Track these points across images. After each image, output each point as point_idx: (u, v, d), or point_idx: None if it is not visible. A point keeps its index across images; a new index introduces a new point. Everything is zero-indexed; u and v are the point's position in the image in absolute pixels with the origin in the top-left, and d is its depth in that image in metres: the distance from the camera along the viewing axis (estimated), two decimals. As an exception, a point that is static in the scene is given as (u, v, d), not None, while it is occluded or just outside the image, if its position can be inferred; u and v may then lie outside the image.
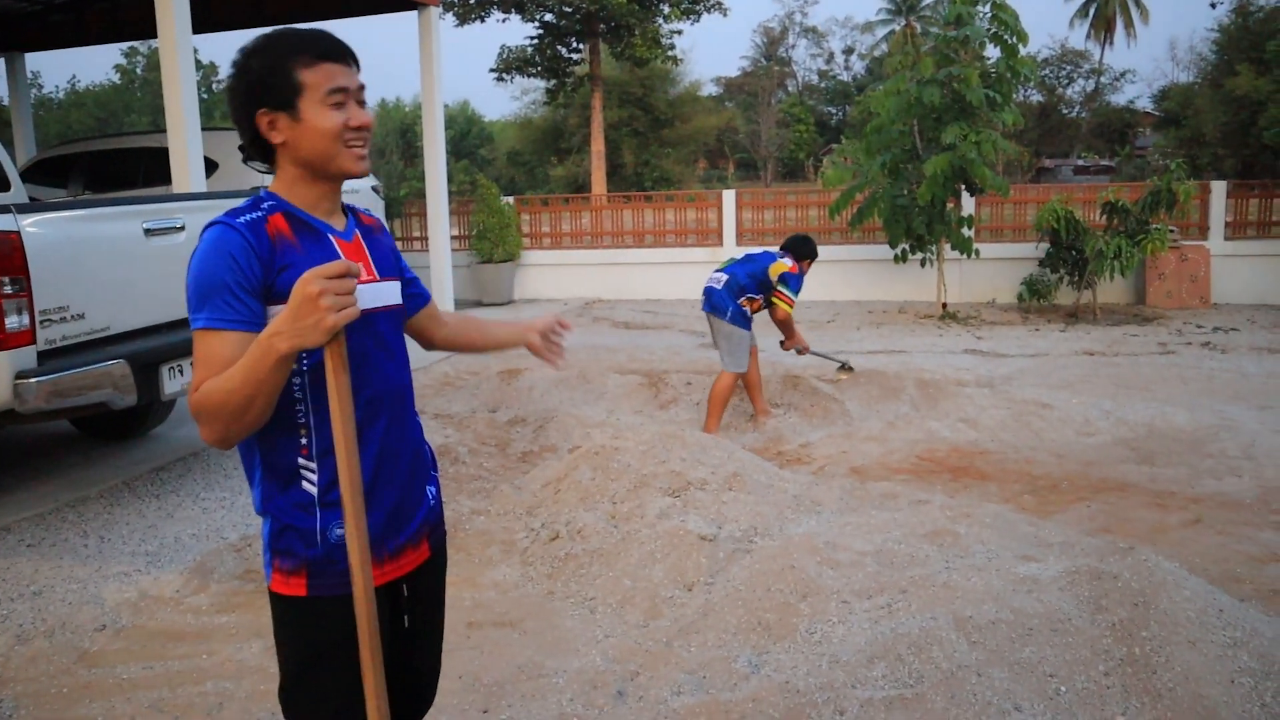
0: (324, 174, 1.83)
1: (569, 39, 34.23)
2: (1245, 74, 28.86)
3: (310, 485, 1.83)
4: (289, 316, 1.59)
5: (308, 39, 1.80)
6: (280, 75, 1.76)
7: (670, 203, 14.68)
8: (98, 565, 4.48)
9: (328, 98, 1.77)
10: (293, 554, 1.83)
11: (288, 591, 1.85)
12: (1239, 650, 3.00)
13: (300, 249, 1.79)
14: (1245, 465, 5.75)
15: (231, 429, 1.68)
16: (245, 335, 1.69)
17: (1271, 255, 12.29)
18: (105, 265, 4.85)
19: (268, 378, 1.62)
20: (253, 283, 1.72)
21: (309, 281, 1.58)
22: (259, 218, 1.78)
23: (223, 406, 1.64)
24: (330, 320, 1.58)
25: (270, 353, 1.60)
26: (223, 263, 1.71)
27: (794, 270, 6.68)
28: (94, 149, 10.50)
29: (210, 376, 1.67)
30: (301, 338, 1.58)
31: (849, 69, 63.15)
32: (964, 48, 10.89)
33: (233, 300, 1.70)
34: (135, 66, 52.96)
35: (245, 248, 1.73)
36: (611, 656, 3.58)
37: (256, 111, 1.78)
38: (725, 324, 6.64)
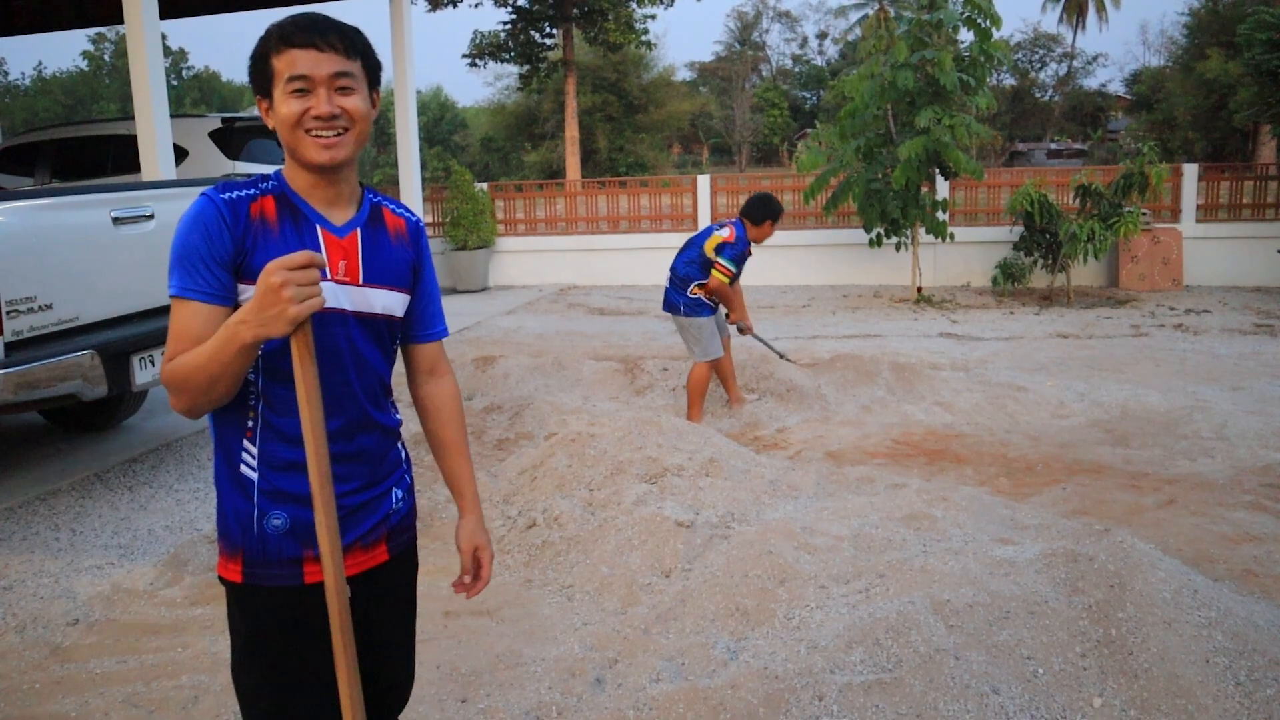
0: (298, 161, 1.81)
1: (542, 24, 34.04)
2: (1215, 58, 29.08)
3: (249, 470, 1.81)
4: (254, 306, 1.58)
5: (285, 26, 1.77)
6: (262, 63, 1.78)
7: (645, 188, 14.65)
8: (69, 559, 4.43)
9: (288, 84, 1.75)
10: (229, 538, 1.83)
11: (226, 576, 1.85)
12: (1213, 630, 3.02)
13: (277, 234, 1.78)
14: (1218, 446, 5.80)
15: (198, 402, 1.69)
16: (215, 309, 1.70)
17: (1242, 237, 12.40)
18: (73, 255, 4.78)
19: (231, 362, 1.62)
20: (223, 256, 1.72)
21: (271, 272, 1.56)
22: (246, 195, 1.78)
23: (188, 381, 1.66)
24: (293, 311, 1.56)
25: (234, 340, 1.60)
26: (198, 233, 1.72)
27: (730, 240, 6.41)
28: (61, 137, 10.34)
29: (181, 347, 1.68)
30: (265, 328, 1.58)
31: (823, 53, 63.15)
32: (937, 32, 10.90)
33: (204, 270, 1.71)
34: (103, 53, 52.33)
35: (219, 221, 1.73)
36: (589, 644, 3.57)
37: (257, 97, 1.81)
38: (681, 319, 6.59)
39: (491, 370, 7.86)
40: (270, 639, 1.84)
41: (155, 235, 5.23)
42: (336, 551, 1.70)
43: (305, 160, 1.79)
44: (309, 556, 1.82)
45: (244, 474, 1.81)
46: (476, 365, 7.98)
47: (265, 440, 1.80)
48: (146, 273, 5.22)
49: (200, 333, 1.67)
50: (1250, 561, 4.15)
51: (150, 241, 5.21)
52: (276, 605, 1.82)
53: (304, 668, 1.84)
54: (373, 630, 1.98)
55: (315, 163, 1.79)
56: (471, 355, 8.33)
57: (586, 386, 7.60)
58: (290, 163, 1.83)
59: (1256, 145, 28.54)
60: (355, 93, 1.79)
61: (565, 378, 7.76)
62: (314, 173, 1.82)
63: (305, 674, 1.85)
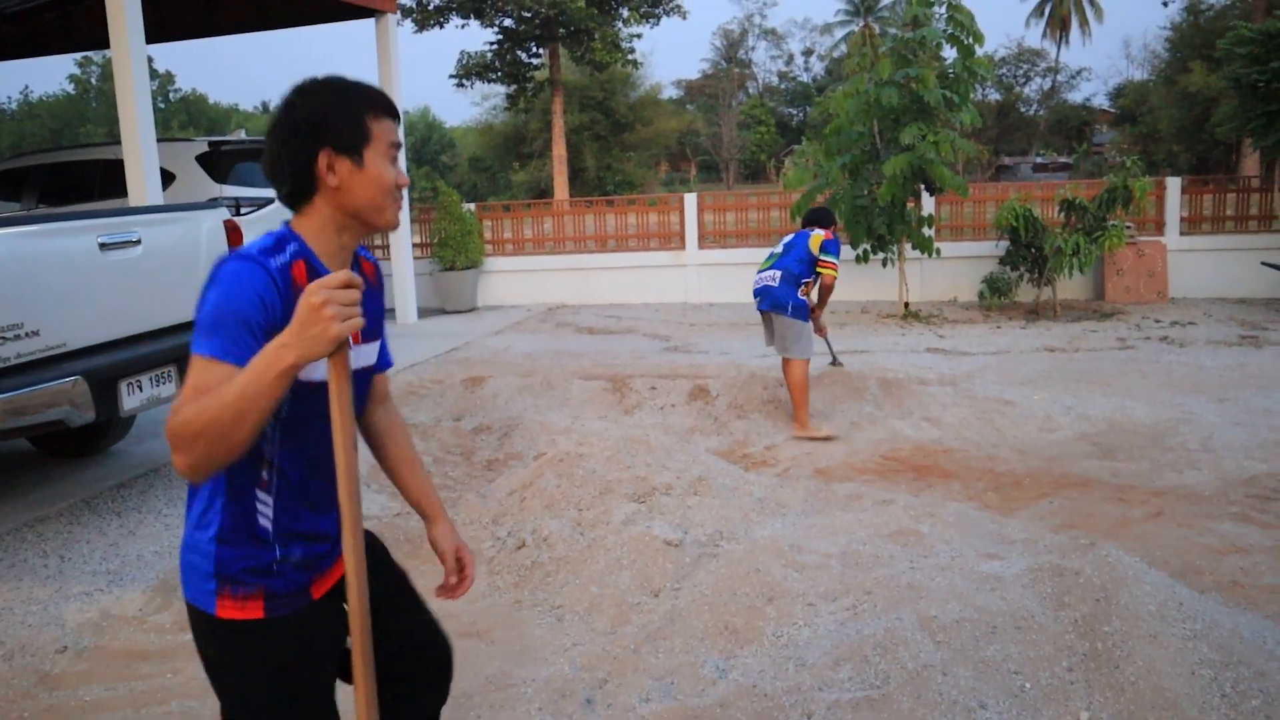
0: (364, 223, 1.85)
1: (529, 44, 34.19)
2: (1198, 71, 29.36)
3: (265, 520, 1.85)
4: (295, 329, 1.58)
5: (377, 93, 1.85)
6: (354, 121, 1.79)
7: (632, 206, 14.71)
8: (58, 585, 4.41)
9: (388, 151, 1.82)
10: (242, 582, 1.84)
11: (242, 615, 1.84)
12: (1199, 642, 3.04)
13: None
14: (1204, 458, 5.83)
15: (214, 454, 1.60)
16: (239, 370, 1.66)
17: (1226, 250, 12.48)
18: (60, 281, 4.77)
19: (267, 390, 1.57)
20: (271, 327, 1.68)
21: (313, 292, 1.57)
22: (287, 262, 1.77)
23: (211, 424, 1.57)
24: (335, 330, 1.57)
25: (277, 363, 1.57)
26: (249, 301, 1.69)
27: (830, 236, 6.82)
28: (48, 161, 10.33)
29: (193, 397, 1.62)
30: (308, 347, 1.57)
31: (809, 70, 63.57)
32: (921, 48, 10.98)
33: (249, 339, 1.66)
34: (90, 76, 52.38)
35: (273, 291, 1.72)
36: (580, 664, 3.58)
37: (320, 150, 1.78)
38: (787, 319, 6.71)
39: (480, 390, 7.86)
40: (292, 669, 1.89)
41: (142, 261, 5.24)
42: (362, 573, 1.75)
43: (385, 223, 1.85)
44: (315, 578, 1.93)
45: (260, 524, 1.84)
46: (465, 386, 7.98)
47: (280, 489, 1.85)
48: (133, 298, 5.22)
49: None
50: (1236, 573, 4.18)
51: (137, 267, 5.21)
52: (298, 632, 1.88)
53: (317, 690, 1.93)
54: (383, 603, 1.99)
55: (390, 226, 1.86)
56: (460, 376, 8.33)
57: (575, 406, 7.62)
58: (327, 221, 1.83)
59: (1239, 158, 28.77)
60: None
61: (554, 397, 7.77)
62: (360, 234, 1.88)
63: (319, 695, 1.93)
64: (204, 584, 1.85)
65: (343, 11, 11.19)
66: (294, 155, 1.80)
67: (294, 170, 1.80)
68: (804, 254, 6.79)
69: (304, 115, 1.80)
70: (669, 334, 10.90)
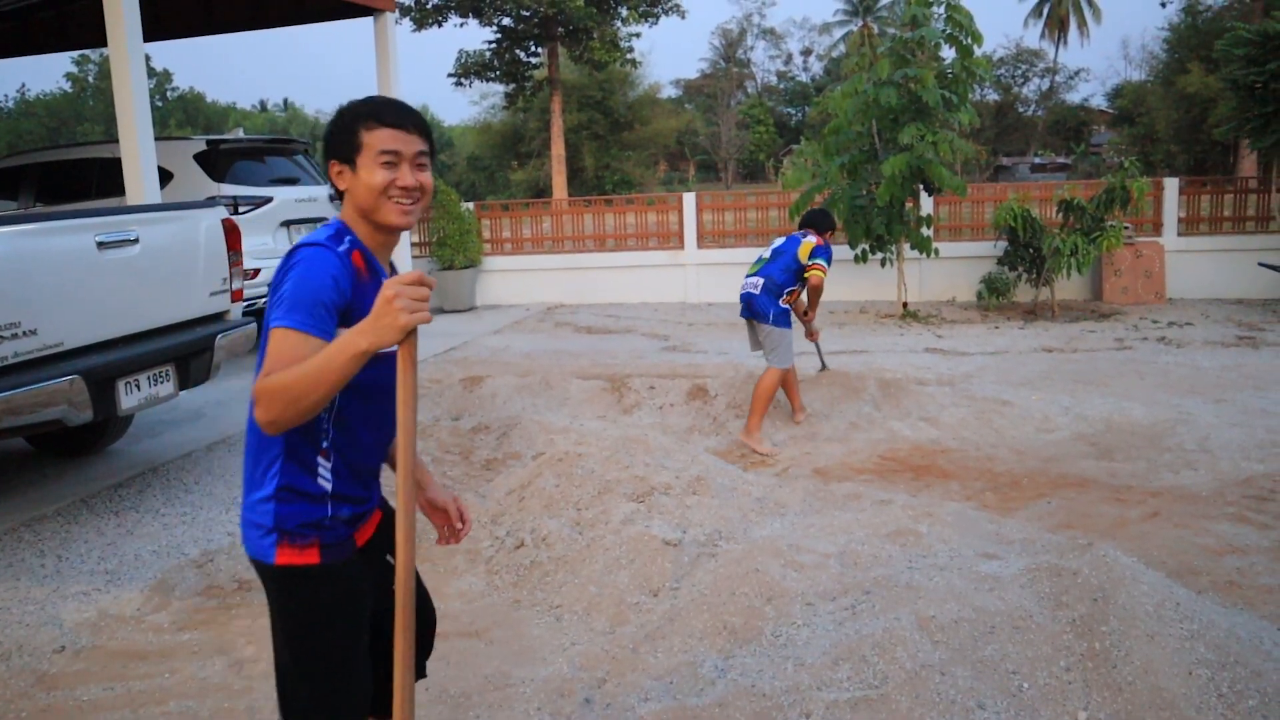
0: (370, 221, 2.11)
1: (527, 43, 34.20)
2: (1196, 72, 29.39)
3: (325, 481, 2.12)
4: (371, 318, 1.83)
5: (376, 105, 2.10)
6: (347, 134, 2.08)
7: (631, 206, 14.71)
8: (55, 585, 4.41)
9: (379, 157, 2.05)
10: (299, 534, 2.10)
11: (300, 561, 2.10)
12: (1196, 642, 3.04)
13: (367, 283, 2.07)
14: (1201, 458, 5.84)
15: (288, 414, 1.87)
16: (320, 342, 1.91)
17: (1223, 250, 12.48)
18: (57, 280, 4.77)
19: (340, 368, 1.84)
20: (341, 304, 1.99)
21: (388, 286, 1.82)
22: (347, 251, 2.05)
23: (288, 390, 1.84)
24: (404, 320, 1.81)
25: (350, 347, 1.83)
26: (326, 283, 1.97)
27: (820, 243, 6.72)
28: (45, 160, 10.32)
29: (276, 368, 1.88)
30: (379, 335, 1.82)
31: (807, 70, 63.58)
32: (920, 49, 10.99)
33: (324, 315, 1.95)
34: (87, 74, 52.31)
35: (343, 274, 2.01)
36: (578, 664, 3.58)
37: (330, 160, 2.12)
38: (767, 327, 6.61)
39: (479, 390, 7.86)
40: (341, 609, 2.14)
41: (140, 259, 5.23)
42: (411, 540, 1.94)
43: (384, 222, 2.09)
44: (358, 529, 2.23)
45: (320, 484, 2.12)
46: (464, 385, 7.98)
47: (337, 457, 2.13)
48: (131, 297, 5.22)
49: (302, 359, 1.88)
50: (1233, 573, 4.19)
51: (135, 266, 5.21)
52: (347, 577, 2.14)
53: (358, 632, 2.19)
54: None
55: (395, 225, 2.11)
56: (459, 375, 8.33)
57: (574, 405, 7.62)
58: (354, 216, 2.12)
59: (1237, 159, 28.79)
60: (427, 169, 2.13)
61: (552, 397, 7.78)
62: (385, 233, 2.14)
63: (359, 639, 2.19)
64: (263, 539, 2.11)
65: (341, 10, 11.16)
66: (323, 164, 2.17)
67: (326, 176, 2.21)
68: (790, 262, 6.67)
69: (325, 132, 2.15)
70: (667, 333, 10.90)
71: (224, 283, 5.92)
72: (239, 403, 7.64)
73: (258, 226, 9.38)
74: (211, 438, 6.66)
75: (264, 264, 9.32)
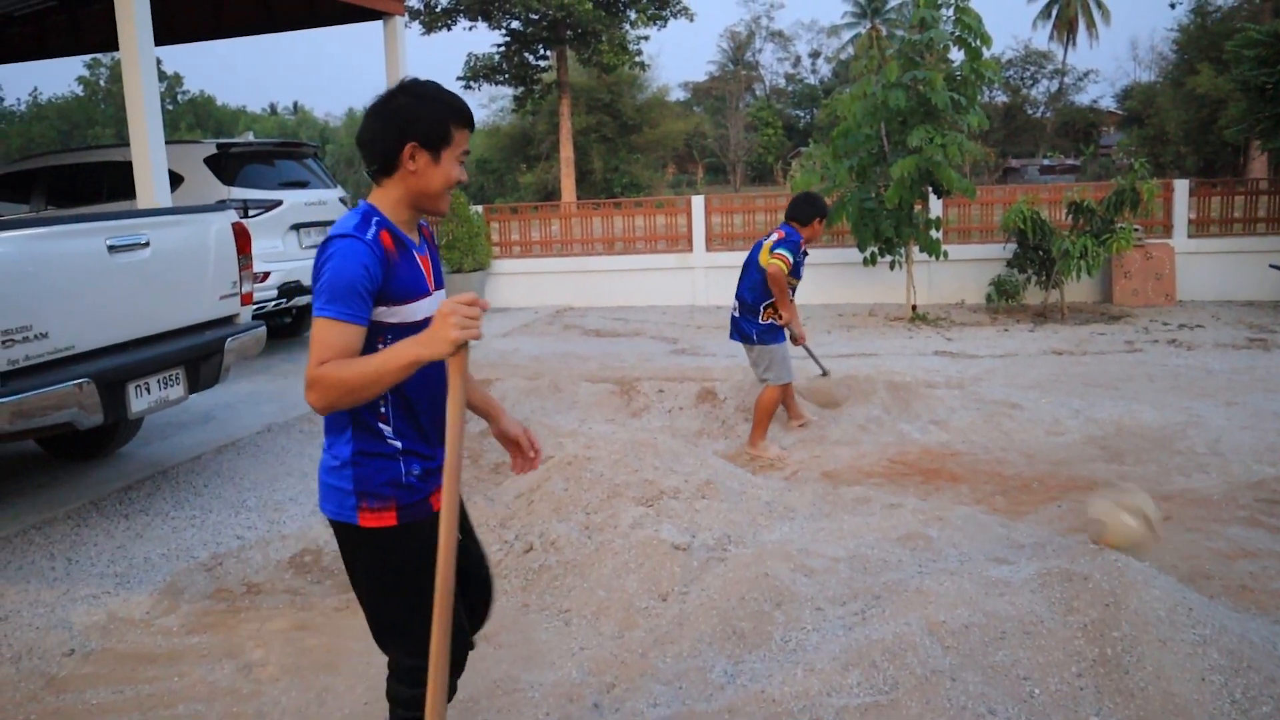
0: (423, 207, 2.34)
1: (536, 46, 34.22)
2: (1205, 73, 29.28)
3: (394, 441, 2.34)
4: (428, 331, 2.06)
5: (465, 107, 2.33)
6: (441, 125, 2.27)
7: (639, 209, 14.69)
8: (65, 588, 4.42)
9: (461, 155, 2.32)
10: (379, 495, 2.32)
11: (379, 524, 2.33)
12: (1208, 648, 3.02)
13: (397, 260, 2.28)
14: (1212, 461, 5.81)
15: (342, 402, 2.13)
16: (360, 329, 2.18)
17: (1234, 252, 12.43)
18: (68, 283, 4.78)
19: (393, 373, 2.08)
20: (374, 287, 2.21)
21: (446, 304, 2.04)
22: (376, 233, 2.25)
23: (345, 383, 2.08)
24: (455, 335, 2.02)
25: (404, 356, 2.07)
26: (357, 271, 2.18)
27: (781, 236, 6.31)
28: (57, 163, 10.36)
29: (330, 356, 2.12)
30: (433, 347, 2.04)
31: (816, 72, 63.57)
32: (929, 51, 10.97)
33: (359, 302, 2.18)
34: (99, 78, 52.51)
35: (373, 259, 2.20)
36: (587, 669, 3.57)
37: (409, 141, 2.25)
38: (755, 347, 6.45)
39: (488, 393, 7.86)
40: (416, 562, 2.31)
41: (150, 263, 5.25)
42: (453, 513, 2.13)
43: (436, 209, 2.36)
44: (431, 493, 2.40)
45: (391, 444, 2.34)
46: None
47: (398, 420, 2.34)
48: (142, 301, 5.23)
49: (347, 345, 2.15)
50: (1245, 577, 4.16)
51: (145, 269, 5.22)
52: (424, 536, 2.27)
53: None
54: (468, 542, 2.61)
55: (441, 212, 2.39)
56: (467, 378, 8.34)
57: (583, 409, 7.61)
58: (399, 199, 2.32)
59: (1247, 160, 28.69)
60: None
61: (561, 400, 7.77)
62: (421, 213, 2.38)
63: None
64: (345, 501, 2.34)
65: (350, 14, 11.19)
66: (387, 137, 2.27)
67: (384, 151, 2.28)
68: (755, 274, 6.35)
69: (403, 109, 2.27)
70: (676, 336, 10.89)
71: (234, 286, 5.93)
72: (249, 406, 7.66)
73: (268, 230, 9.40)
74: (221, 441, 6.67)
75: (274, 267, 9.34)
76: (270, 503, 5.53)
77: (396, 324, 2.27)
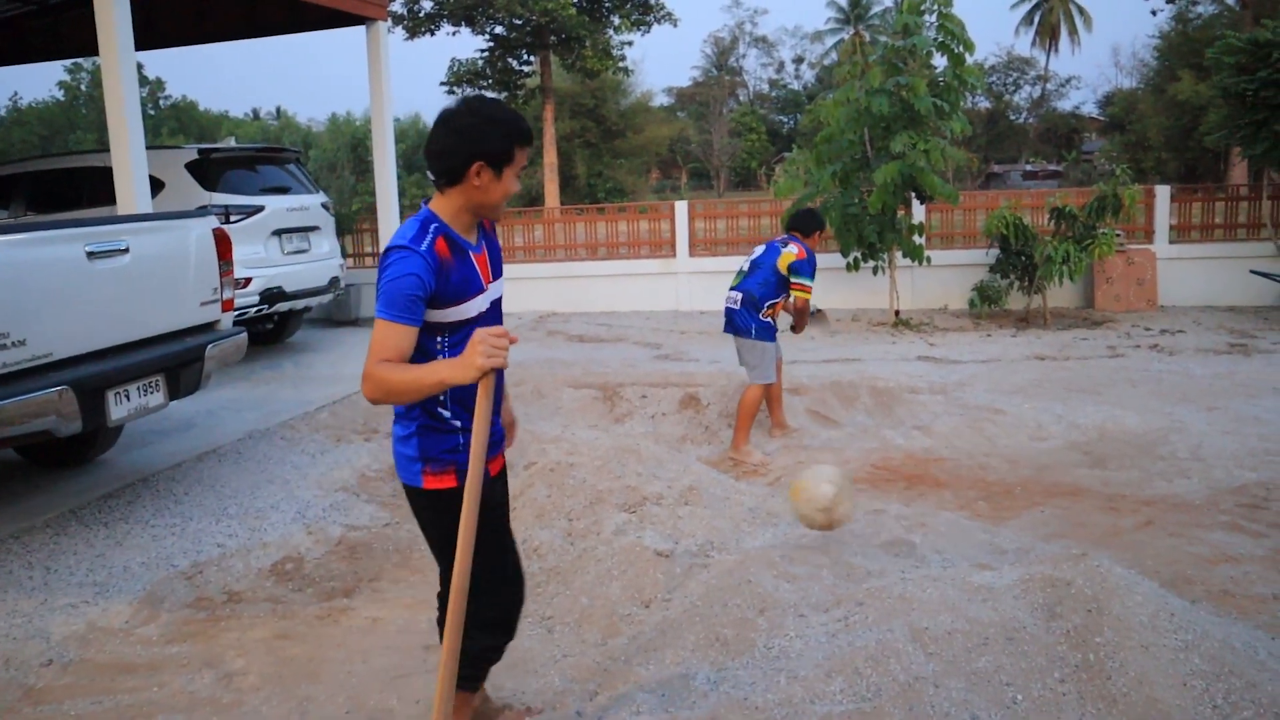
0: (480, 215, 2.69)
1: (520, 51, 34.20)
2: (1186, 80, 29.47)
3: (453, 419, 2.71)
4: (460, 356, 2.38)
5: (526, 129, 2.62)
6: (507, 145, 2.57)
7: (623, 214, 14.68)
8: (43, 598, 4.37)
9: (518, 172, 2.63)
10: (441, 461, 2.71)
11: (440, 485, 2.72)
12: (1190, 653, 3.03)
13: (451, 263, 2.59)
14: (1194, 466, 5.83)
15: (386, 399, 2.48)
16: (412, 329, 2.50)
17: (1215, 257, 12.51)
18: (47, 290, 4.73)
19: (427, 388, 2.44)
20: (428, 294, 2.53)
21: (478, 334, 2.34)
22: (431, 243, 2.55)
23: (388, 385, 2.43)
24: (481, 363, 2.32)
25: (436, 374, 2.42)
26: (412, 282, 2.49)
27: (802, 256, 6.46)
28: (36, 169, 10.28)
29: (384, 354, 2.45)
30: (462, 372, 2.35)
31: (799, 78, 63.76)
32: (912, 57, 10.99)
33: (412, 307, 2.49)
34: (79, 83, 52.16)
35: (426, 269, 2.52)
36: (570, 676, 3.56)
37: (476, 159, 2.54)
38: (749, 341, 6.50)
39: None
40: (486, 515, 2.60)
41: (130, 269, 5.21)
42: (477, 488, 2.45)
43: (495, 216, 2.75)
44: (490, 460, 2.76)
45: (450, 421, 2.71)
46: (456, 394, 7.95)
47: (454, 404, 2.71)
48: (121, 307, 5.19)
49: (400, 344, 2.48)
50: (1227, 582, 4.18)
51: (125, 275, 5.18)
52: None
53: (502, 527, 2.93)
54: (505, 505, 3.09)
55: (498, 219, 2.82)
56: (451, 384, 8.31)
57: (566, 414, 7.60)
58: (460, 207, 2.62)
59: (1228, 166, 28.88)
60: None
61: (544, 406, 7.75)
62: (478, 218, 2.71)
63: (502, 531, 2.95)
64: (412, 466, 2.73)
65: (333, 19, 11.14)
66: (456, 154, 2.56)
67: (452, 166, 2.57)
68: (769, 275, 6.49)
69: (472, 129, 2.55)
70: (660, 342, 10.88)
71: (215, 292, 5.89)
72: (230, 413, 7.61)
73: (249, 235, 9.35)
74: (202, 448, 6.62)
75: (256, 273, 9.30)
76: (251, 510, 5.50)
77: (451, 322, 2.63)
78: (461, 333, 2.61)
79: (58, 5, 11.39)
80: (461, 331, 2.61)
